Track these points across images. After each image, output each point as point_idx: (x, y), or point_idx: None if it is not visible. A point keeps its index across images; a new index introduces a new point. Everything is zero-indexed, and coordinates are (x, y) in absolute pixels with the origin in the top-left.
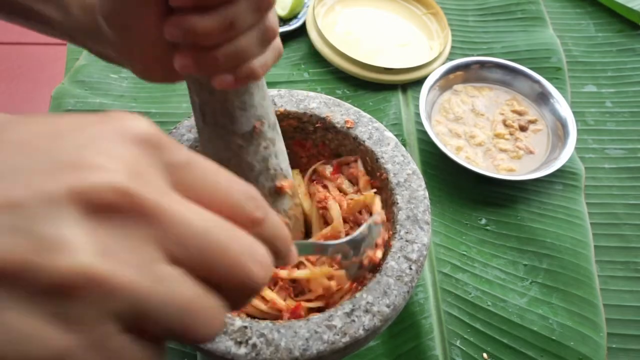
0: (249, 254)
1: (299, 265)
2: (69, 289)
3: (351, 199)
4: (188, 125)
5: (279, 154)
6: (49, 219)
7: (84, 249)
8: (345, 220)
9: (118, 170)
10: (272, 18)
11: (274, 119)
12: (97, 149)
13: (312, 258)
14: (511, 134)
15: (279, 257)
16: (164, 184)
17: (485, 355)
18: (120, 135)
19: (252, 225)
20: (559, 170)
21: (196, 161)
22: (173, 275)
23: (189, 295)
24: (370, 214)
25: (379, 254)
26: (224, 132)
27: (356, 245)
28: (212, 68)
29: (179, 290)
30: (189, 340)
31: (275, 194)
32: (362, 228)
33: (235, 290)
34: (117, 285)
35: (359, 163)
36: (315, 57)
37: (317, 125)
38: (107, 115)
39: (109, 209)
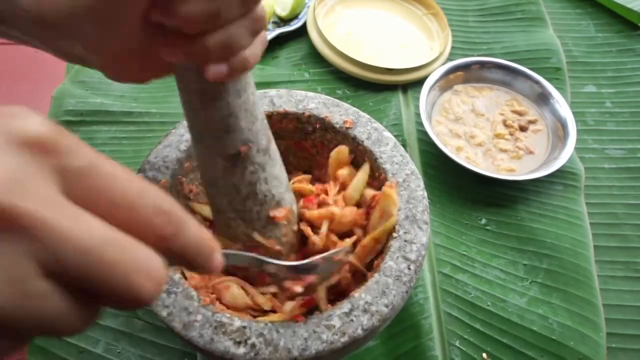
0: (140, 270)
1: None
2: None
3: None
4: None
5: (270, 180)
6: None
7: None
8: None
9: None
10: (260, 9)
11: (265, 143)
12: None
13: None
14: (511, 134)
15: (197, 269)
16: (53, 191)
17: (484, 355)
18: (5, 138)
19: (160, 241)
20: (558, 171)
21: (100, 167)
22: (42, 291)
23: (56, 312)
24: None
25: (298, 288)
26: (208, 152)
27: (299, 272)
28: (201, 56)
29: (45, 306)
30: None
31: (266, 221)
32: (316, 259)
33: (120, 302)
34: None
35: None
36: (315, 58)
37: (316, 125)
38: None
39: None
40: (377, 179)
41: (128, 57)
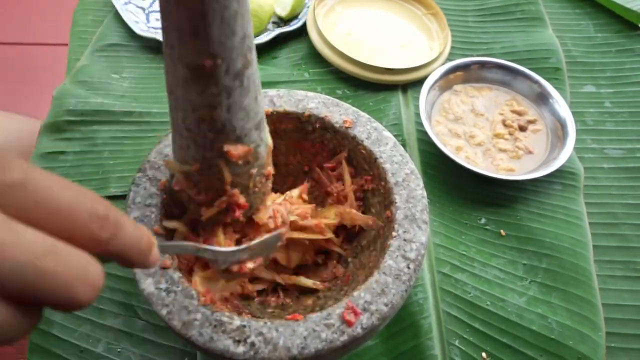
0: (80, 277)
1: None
2: None
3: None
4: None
5: (235, 110)
6: None
7: None
8: None
9: None
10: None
11: (240, 66)
12: None
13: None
14: (510, 134)
15: (134, 265)
16: None
17: (484, 354)
18: None
19: (96, 245)
20: (558, 170)
21: (33, 180)
22: None
23: None
24: None
25: (249, 264)
26: (171, 54)
27: (234, 256)
28: None
29: None
30: None
31: (218, 153)
32: (251, 244)
33: (60, 308)
34: None
35: (344, 165)
36: (315, 58)
37: (315, 125)
38: None
39: None
40: (376, 177)
41: None
